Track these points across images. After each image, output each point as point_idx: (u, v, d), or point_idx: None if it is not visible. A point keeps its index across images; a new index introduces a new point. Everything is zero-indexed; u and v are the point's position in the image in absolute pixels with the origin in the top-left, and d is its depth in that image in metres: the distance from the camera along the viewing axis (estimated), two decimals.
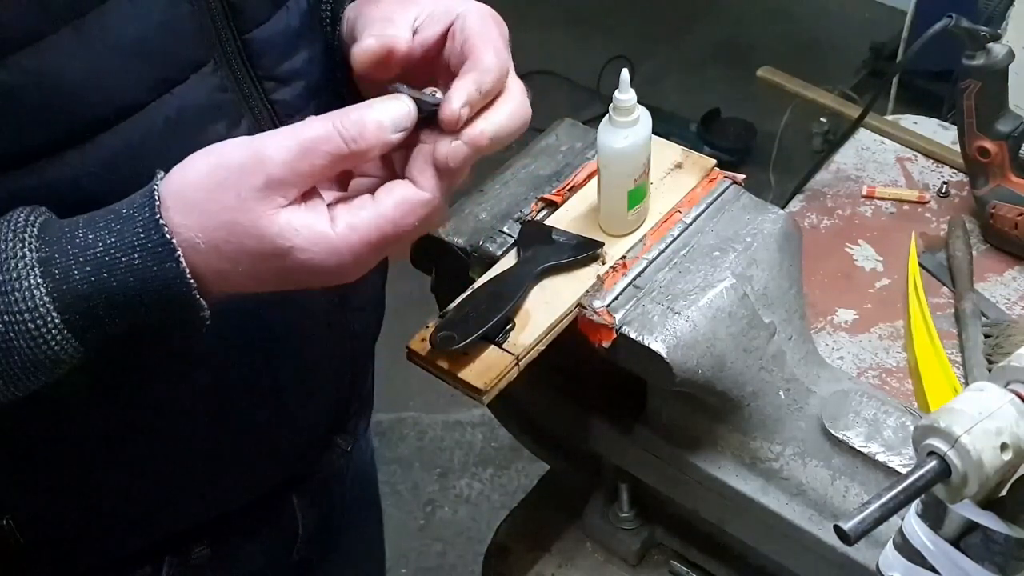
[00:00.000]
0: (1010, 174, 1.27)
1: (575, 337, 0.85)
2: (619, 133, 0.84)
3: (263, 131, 0.79)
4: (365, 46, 0.74)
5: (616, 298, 0.85)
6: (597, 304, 0.84)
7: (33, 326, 0.64)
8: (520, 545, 1.11)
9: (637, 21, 3.48)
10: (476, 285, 0.86)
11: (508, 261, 0.88)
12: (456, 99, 0.69)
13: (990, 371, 1.06)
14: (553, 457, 1.13)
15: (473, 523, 2.32)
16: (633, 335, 0.82)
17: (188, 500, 0.91)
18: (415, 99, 0.70)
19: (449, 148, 0.69)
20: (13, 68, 0.65)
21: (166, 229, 0.64)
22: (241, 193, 0.64)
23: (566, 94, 3.15)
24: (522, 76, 0.77)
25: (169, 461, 0.86)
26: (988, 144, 1.26)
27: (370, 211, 0.67)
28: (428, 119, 0.70)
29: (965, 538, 0.69)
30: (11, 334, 0.64)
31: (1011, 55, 1.21)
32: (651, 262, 0.88)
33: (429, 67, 0.76)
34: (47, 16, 0.65)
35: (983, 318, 1.22)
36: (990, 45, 1.20)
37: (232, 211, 0.64)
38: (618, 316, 0.83)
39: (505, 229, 0.92)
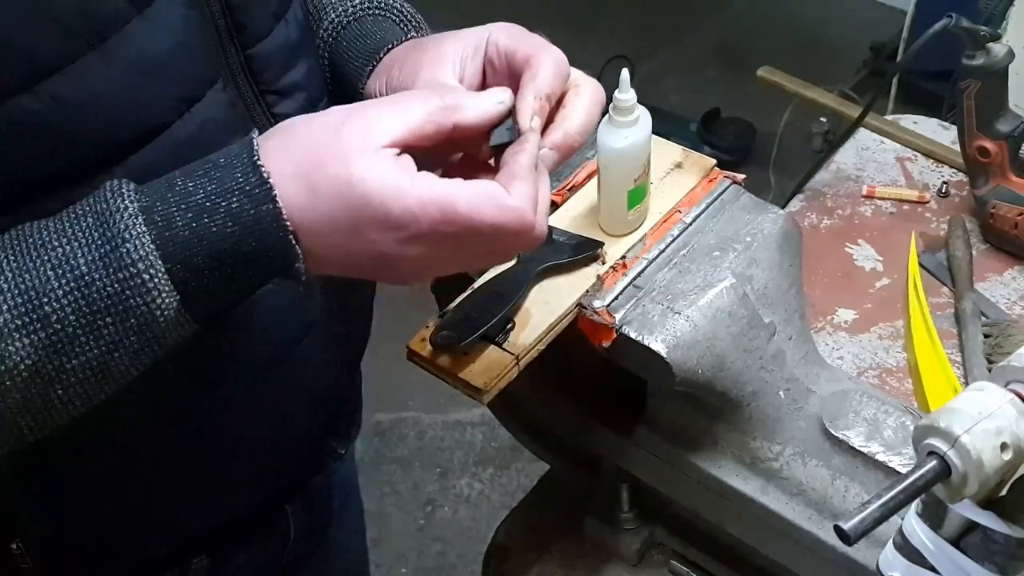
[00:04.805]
0: (1010, 174, 1.27)
1: (575, 337, 0.85)
2: (619, 133, 0.84)
3: None
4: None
5: (616, 298, 0.85)
6: (597, 304, 0.84)
7: (148, 276, 0.62)
8: (520, 545, 1.11)
9: (637, 21, 3.48)
10: (476, 285, 0.86)
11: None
12: (524, 117, 0.70)
13: (990, 371, 1.06)
14: (553, 457, 1.13)
15: (473, 523, 2.32)
16: (633, 335, 0.82)
17: (190, 516, 0.91)
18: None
19: (540, 154, 0.71)
20: (42, 96, 0.64)
21: (264, 170, 0.63)
22: (340, 130, 0.65)
23: None
24: None
25: (171, 479, 0.86)
26: (988, 144, 1.26)
27: (451, 183, 0.65)
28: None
29: (965, 538, 0.69)
30: (127, 292, 0.62)
31: (1011, 55, 1.21)
32: (651, 262, 0.88)
33: None
34: (73, 41, 0.65)
35: (983, 318, 1.22)
36: (990, 45, 1.20)
37: (325, 140, 0.64)
38: (618, 316, 0.83)
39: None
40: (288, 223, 0.63)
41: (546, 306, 0.85)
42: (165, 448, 0.83)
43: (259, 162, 0.63)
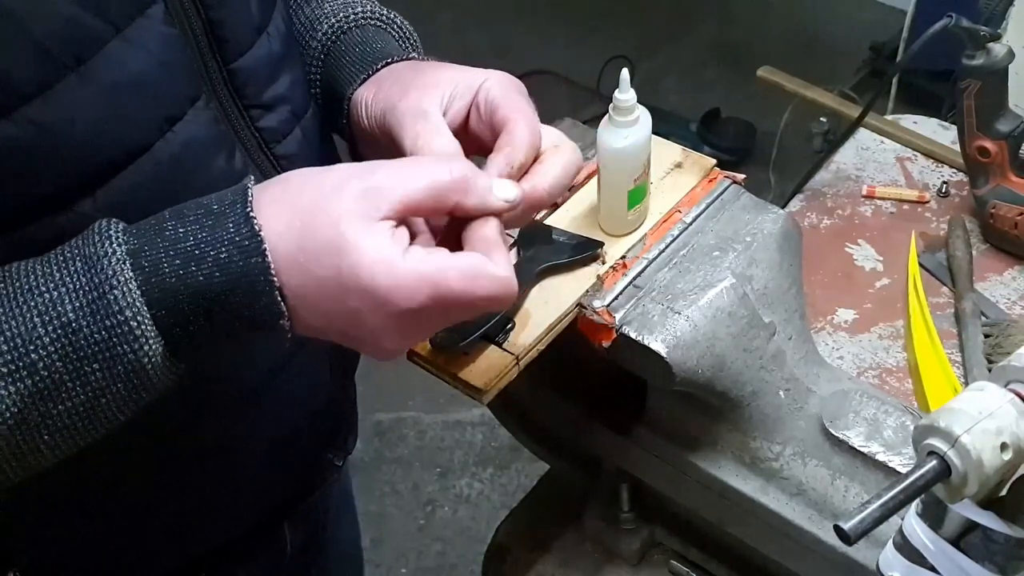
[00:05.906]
0: (1010, 174, 1.27)
1: (575, 337, 0.85)
2: (619, 133, 0.84)
3: (254, 161, 0.79)
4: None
5: (616, 298, 0.85)
6: (597, 304, 0.84)
7: (135, 324, 0.61)
8: (520, 545, 1.11)
9: (637, 21, 3.48)
10: None
11: None
12: (489, 175, 0.71)
13: (990, 371, 1.06)
14: (553, 457, 1.13)
15: (473, 523, 2.32)
16: (633, 335, 0.82)
17: (188, 538, 0.91)
18: None
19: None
20: (20, 122, 0.63)
21: (256, 223, 0.62)
22: (340, 191, 0.64)
23: (566, 94, 3.15)
24: (522, 76, 0.78)
25: (169, 504, 0.86)
26: (988, 144, 1.26)
27: (445, 257, 0.65)
28: None
29: (965, 538, 0.69)
30: (114, 340, 0.62)
31: (1011, 55, 1.21)
32: (651, 262, 0.88)
33: (460, 140, 0.77)
34: (52, 65, 0.64)
35: (983, 318, 1.22)
36: (990, 45, 1.20)
37: (321, 200, 0.63)
38: (618, 316, 0.83)
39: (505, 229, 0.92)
40: (276, 279, 0.63)
41: (546, 306, 0.85)
42: (161, 472, 0.83)
43: (252, 214, 0.63)
